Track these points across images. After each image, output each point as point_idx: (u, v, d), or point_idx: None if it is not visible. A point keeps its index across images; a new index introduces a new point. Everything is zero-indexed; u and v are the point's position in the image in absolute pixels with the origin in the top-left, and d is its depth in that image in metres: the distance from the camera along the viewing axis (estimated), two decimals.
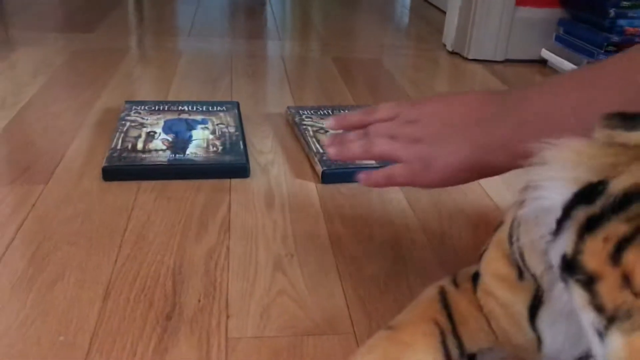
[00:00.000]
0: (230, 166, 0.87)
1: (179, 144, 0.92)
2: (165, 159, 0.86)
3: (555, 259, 0.39)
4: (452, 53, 1.67)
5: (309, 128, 1.01)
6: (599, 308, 0.35)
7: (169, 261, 0.67)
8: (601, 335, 0.35)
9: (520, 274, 0.48)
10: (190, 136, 0.95)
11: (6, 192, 0.79)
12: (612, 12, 1.42)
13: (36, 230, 0.71)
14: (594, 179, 0.37)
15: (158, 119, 1.01)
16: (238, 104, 1.10)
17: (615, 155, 0.37)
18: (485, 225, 0.79)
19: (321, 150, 0.92)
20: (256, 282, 0.65)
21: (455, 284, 0.56)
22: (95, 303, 0.60)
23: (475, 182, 0.91)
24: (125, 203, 0.79)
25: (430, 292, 0.56)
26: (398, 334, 0.51)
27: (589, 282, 0.36)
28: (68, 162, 0.89)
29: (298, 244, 0.72)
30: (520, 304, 0.48)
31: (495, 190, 0.89)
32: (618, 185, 0.36)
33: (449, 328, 0.51)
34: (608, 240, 0.35)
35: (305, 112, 1.09)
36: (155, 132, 0.95)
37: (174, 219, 0.76)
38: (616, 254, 0.34)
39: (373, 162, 0.90)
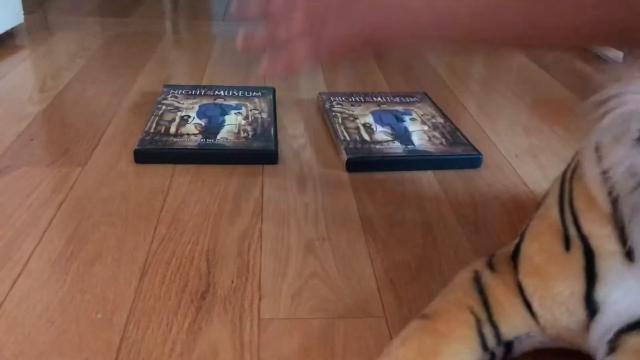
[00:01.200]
0: (260, 152, 0.87)
1: (211, 128, 0.93)
2: (196, 144, 0.87)
3: None
4: None
5: (339, 115, 1.01)
6: None
7: (204, 242, 0.68)
8: None
9: (567, 245, 0.47)
10: (223, 121, 0.96)
11: (46, 174, 0.82)
12: None
13: (75, 211, 0.73)
14: None
15: (193, 103, 1.02)
16: (274, 90, 1.11)
17: None
18: (519, 211, 0.78)
19: (348, 138, 0.92)
20: (288, 265, 0.65)
21: (491, 267, 0.55)
22: (132, 282, 0.61)
23: (511, 168, 0.89)
24: (161, 185, 0.80)
25: (464, 277, 0.55)
26: (432, 323, 0.50)
27: None
28: (105, 145, 0.91)
29: (330, 227, 0.73)
30: (568, 280, 0.47)
31: (531, 176, 0.88)
32: None
33: (485, 315, 0.51)
34: None
35: (337, 99, 1.08)
36: (189, 117, 0.96)
37: (208, 202, 0.77)
38: None
39: (400, 150, 0.90)
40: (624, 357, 0.45)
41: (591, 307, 0.47)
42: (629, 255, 0.44)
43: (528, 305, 0.51)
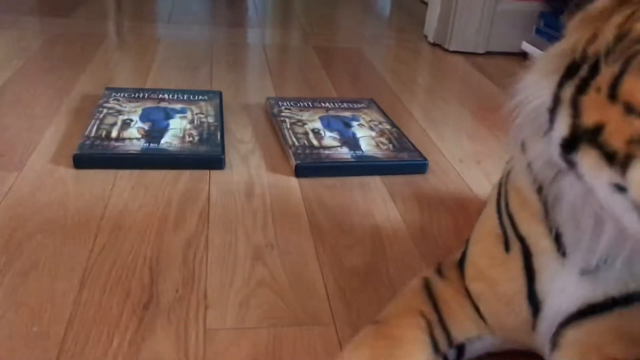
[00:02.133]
0: (205, 157, 0.85)
1: (155, 133, 0.90)
2: (139, 148, 0.85)
3: (556, 149, 0.39)
4: (434, 44, 1.67)
5: (287, 120, 1.00)
6: (610, 156, 0.35)
7: (146, 251, 0.66)
8: (621, 188, 0.35)
9: (507, 246, 0.48)
10: (167, 125, 0.93)
11: None
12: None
13: (9, 219, 0.70)
14: (574, 57, 0.38)
15: (137, 106, 0.99)
16: (221, 94, 1.09)
17: (585, 30, 0.38)
18: (465, 216, 0.79)
19: (297, 143, 0.91)
20: (235, 273, 0.64)
21: (440, 273, 0.56)
22: (70, 293, 0.59)
23: (456, 173, 0.91)
24: (102, 191, 0.77)
25: (414, 284, 0.56)
26: (384, 328, 0.50)
27: (594, 135, 0.35)
28: (43, 149, 0.87)
29: (278, 234, 0.72)
30: (510, 281, 0.48)
31: (475, 181, 0.89)
32: (599, 44, 0.36)
33: (436, 319, 0.51)
34: (600, 87, 0.35)
35: (285, 104, 1.07)
36: (131, 120, 0.93)
37: (152, 208, 0.74)
38: (612, 91, 0.35)
39: (349, 155, 0.90)
40: (564, 352, 0.47)
41: (534, 305, 0.48)
42: (560, 249, 0.45)
43: (476, 309, 0.51)
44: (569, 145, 0.37)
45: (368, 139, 0.96)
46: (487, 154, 0.99)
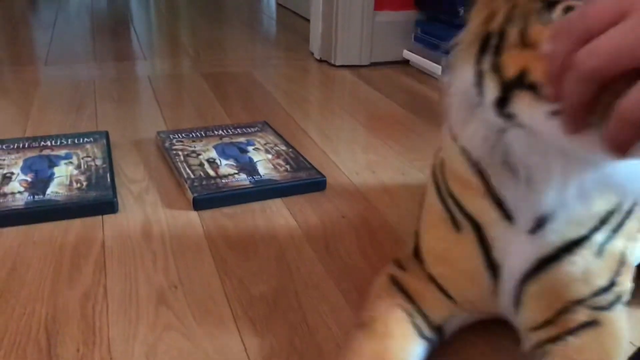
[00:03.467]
0: (96, 202, 0.82)
1: (39, 183, 0.85)
2: (23, 202, 0.80)
3: (492, 111, 0.43)
4: (321, 61, 1.71)
5: (180, 153, 0.98)
6: (539, 90, 0.39)
7: (41, 311, 0.62)
8: (555, 112, 0.38)
9: (457, 227, 0.53)
10: (52, 174, 0.89)
11: None
12: (461, 10, 1.52)
13: None
14: (482, 34, 0.43)
15: (17, 157, 0.94)
16: (107, 134, 1.05)
17: (482, 12, 0.44)
18: (366, 227, 0.81)
19: (192, 176, 0.90)
20: (140, 321, 0.61)
21: (401, 267, 0.59)
22: None
23: (353, 186, 0.93)
24: None
25: (382, 282, 0.59)
26: (373, 328, 0.53)
27: (521, 80, 0.40)
28: None
29: (181, 273, 0.70)
30: (468, 258, 0.53)
31: (372, 191, 0.92)
32: (499, 17, 0.42)
33: (413, 309, 0.55)
34: (512, 44, 0.41)
35: (177, 136, 1.05)
36: (12, 173, 0.88)
37: (42, 265, 0.70)
38: (522, 41, 0.40)
39: (247, 182, 0.89)
40: (527, 307, 0.52)
41: (493, 273, 0.52)
42: (506, 216, 0.50)
43: (443, 291, 0.56)
44: (502, 102, 0.42)
45: (265, 162, 0.96)
46: (380, 164, 1.02)
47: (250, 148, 1.01)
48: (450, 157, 0.53)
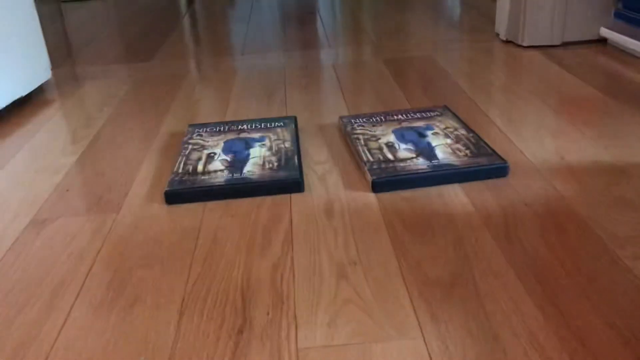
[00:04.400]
0: (285, 182, 0.88)
1: (237, 163, 0.95)
2: (223, 180, 0.89)
3: None
4: (507, 42, 1.64)
5: (360, 137, 1.02)
6: None
7: (237, 277, 0.70)
8: None
9: None
10: (248, 154, 0.97)
11: (82, 222, 0.84)
12: None
13: (112, 257, 0.75)
14: None
15: (219, 139, 1.04)
16: (295, 119, 1.12)
17: None
18: (551, 216, 0.77)
19: (371, 159, 0.93)
20: (322, 292, 0.66)
21: None
22: (171, 323, 0.63)
23: (539, 173, 0.89)
24: (192, 224, 0.82)
25: None
26: None
27: None
28: (137, 189, 0.93)
29: (361, 251, 0.73)
30: None
31: (560, 179, 0.87)
32: None
33: None
34: None
35: (358, 121, 1.09)
36: (215, 153, 0.99)
37: (239, 236, 0.78)
38: None
39: (425, 166, 0.90)
40: None
41: None
42: None
43: None
44: None
45: (444, 147, 0.95)
46: (570, 150, 0.96)
47: (429, 132, 1.02)
48: None
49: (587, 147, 0.97)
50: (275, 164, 0.94)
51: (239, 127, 1.10)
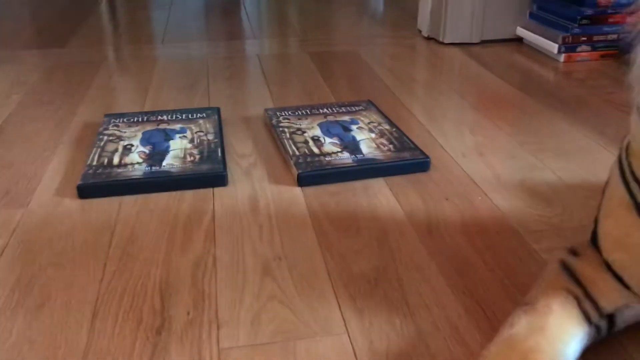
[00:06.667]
0: (208, 175, 0.86)
1: (156, 155, 0.91)
2: (141, 173, 0.85)
3: None
4: (428, 38, 1.67)
5: (286, 130, 1.00)
6: None
7: (156, 275, 0.66)
8: None
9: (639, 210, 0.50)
10: (168, 147, 0.94)
11: None
12: None
13: (19, 255, 0.70)
14: None
15: (136, 130, 1.00)
16: (219, 110, 1.09)
17: None
18: (471, 210, 0.79)
19: (297, 152, 0.92)
20: (245, 289, 0.64)
21: (575, 253, 0.58)
22: (84, 324, 0.59)
23: (459, 168, 0.91)
24: (108, 219, 0.78)
25: (552, 267, 0.58)
26: (534, 306, 0.52)
27: None
28: (47, 183, 0.88)
29: (285, 246, 0.72)
30: None
31: (479, 174, 0.89)
32: None
33: (582, 293, 0.54)
34: None
35: (283, 114, 1.08)
36: (132, 145, 0.94)
37: (158, 232, 0.75)
38: None
39: (350, 160, 0.90)
40: None
41: None
42: None
43: (619, 279, 0.53)
44: None
45: (368, 142, 0.96)
46: (489, 146, 0.99)
47: (354, 127, 1.02)
48: (636, 138, 0.51)
49: (504, 143, 1.00)
50: (197, 156, 0.91)
51: (159, 117, 1.06)
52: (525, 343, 0.49)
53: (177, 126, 1.02)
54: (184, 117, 1.05)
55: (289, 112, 1.08)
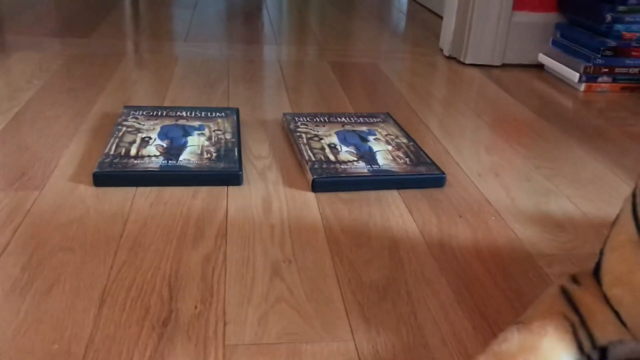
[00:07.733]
0: (223, 173, 0.86)
1: (173, 150, 0.91)
2: (157, 165, 0.86)
3: None
4: (449, 57, 1.67)
5: (303, 135, 1.01)
6: None
7: (166, 267, 0.66)
8: None
9: None
10: (186, 142, 0.94)
11: (1, 198, 0.79)
12: (608, 16, 1.42)
13: (31, 237, 0.70)
14: None
15: (155, 124, 1.00)
16: (237, 110, 1.10)
17: None
18: (484, 229, 0.79)
19: (313, 158, 0.92)
20: (254, 288, 0.64)
21: (576, 281, 0.58)
22: (91, 310, 0.59)
23: (474, 186, 0.90)
24: (121, 209, 0.78)
25: (551, 291, 0.57)
26: (529, 326, 0.52)
27: None
28: (63, 168, 0.88)
29: (296, 249, 0.72)
30: None
31: (494, 194, 0.89)
32: None
33: (578, 321, 0.53)
34: None
35: (301, 119, 1.08)
36: (150, 138, 0.94)
37: (170, 225, 0.75)
38: None
39: (365, 170, 0.90)
40: None
41: None
42: None
43: (616, 314, 0.53)
44: None
45: (384, 153, 0.96)
46: (505, 167, 0.99)
47: (371, 138, 1.02)
48: None
49: (520, 166, 0.99)
50: (214, 154, 0.91)
51: (178, 113, 1.06)
52: None
53: (196, 123, 1.02)
54: (202, 115, 1.06)
55: (307, 118, 1.09)
